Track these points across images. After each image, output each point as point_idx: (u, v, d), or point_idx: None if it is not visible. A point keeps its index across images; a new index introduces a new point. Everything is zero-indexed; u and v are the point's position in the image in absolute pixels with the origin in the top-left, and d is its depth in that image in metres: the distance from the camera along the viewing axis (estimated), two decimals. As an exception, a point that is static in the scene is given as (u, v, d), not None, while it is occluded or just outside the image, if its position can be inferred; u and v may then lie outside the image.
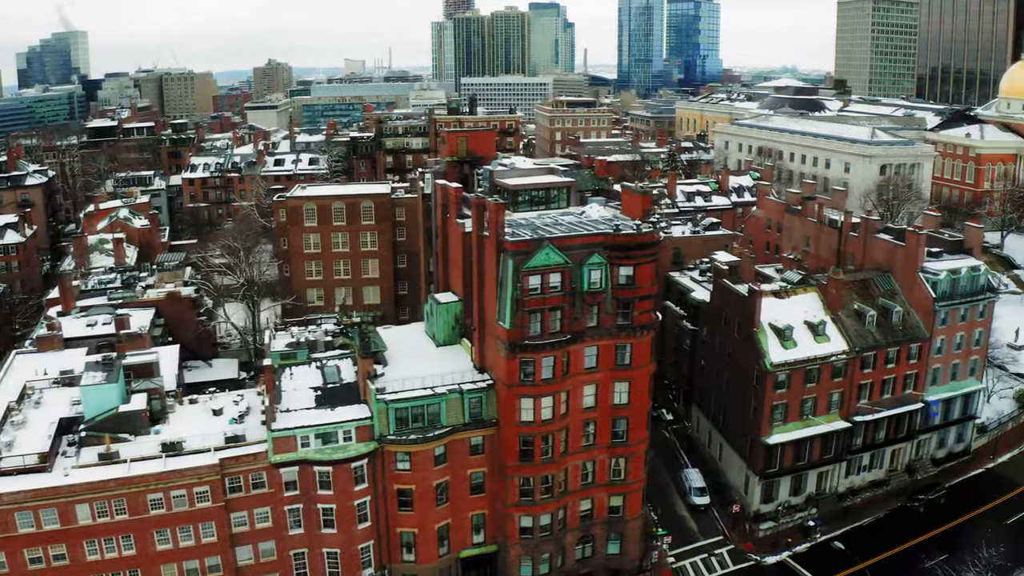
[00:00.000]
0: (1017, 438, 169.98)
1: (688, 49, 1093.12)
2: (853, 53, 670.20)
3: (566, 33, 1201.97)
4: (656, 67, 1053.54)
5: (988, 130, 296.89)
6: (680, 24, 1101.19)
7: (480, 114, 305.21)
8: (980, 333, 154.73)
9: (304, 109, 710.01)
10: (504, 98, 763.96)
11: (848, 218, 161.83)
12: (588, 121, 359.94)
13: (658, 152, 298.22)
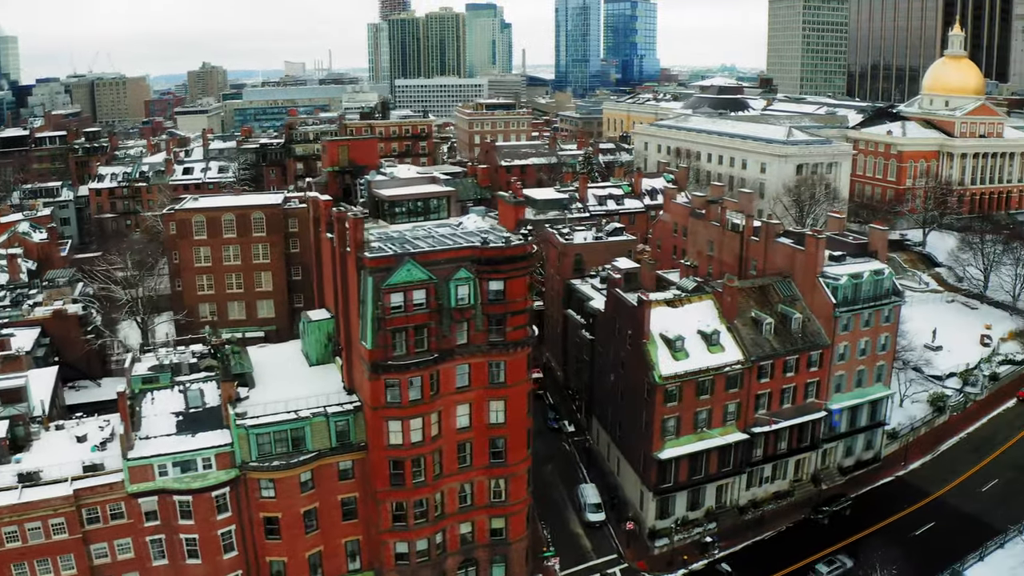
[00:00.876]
0: (931, 443, 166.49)
1: (625, 49, 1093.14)
2: (784, 51, 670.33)
3: (503, 34, 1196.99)
4: (593, 67, 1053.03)
5: (910, 127, 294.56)
6: (617, 24, 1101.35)
7: (393, 118, 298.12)
8: (886, 338, 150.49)
9: (236, 113, 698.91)
10: (439, 100, 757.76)
11: (749, 222, 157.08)
12: (507, 124, 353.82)
13: (577, 154, 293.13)
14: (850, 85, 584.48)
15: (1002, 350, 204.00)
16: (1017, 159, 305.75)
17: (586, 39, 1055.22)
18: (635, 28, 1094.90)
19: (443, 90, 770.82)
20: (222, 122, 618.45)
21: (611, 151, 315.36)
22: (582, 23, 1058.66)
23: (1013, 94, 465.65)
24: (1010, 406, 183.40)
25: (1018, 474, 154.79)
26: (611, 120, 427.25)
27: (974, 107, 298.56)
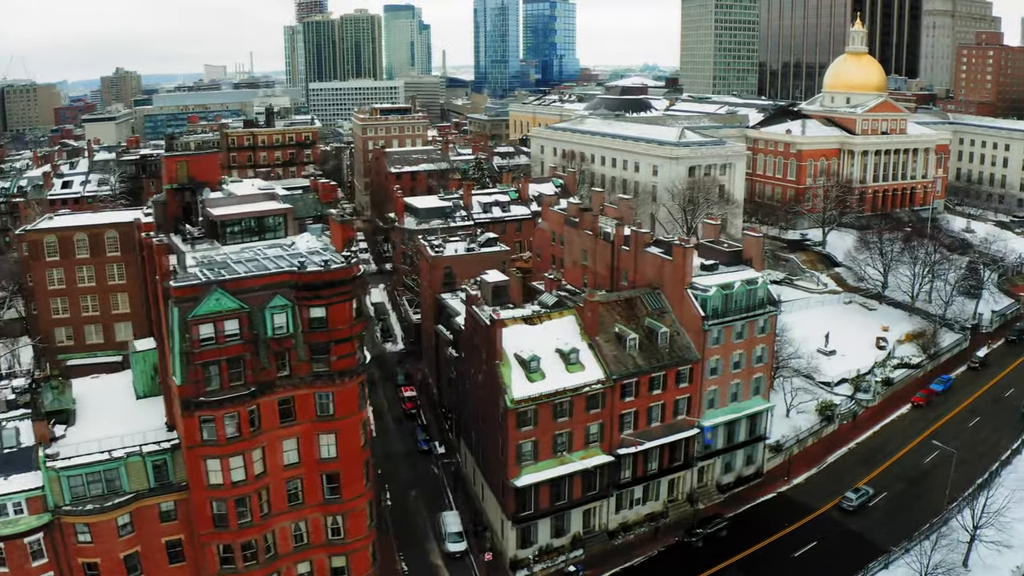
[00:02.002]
0: (819, 455, 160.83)
1: (545, 49, 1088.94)
2: (697, 50, 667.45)
3: (422, 35, 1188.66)
4: (513, 68, 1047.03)
5: (811, 125, 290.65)
6: (536, 24, 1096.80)
7: (279, 126, 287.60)
8: (763, 350, 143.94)
9: (146, 120, 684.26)
10: (355, 103, 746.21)
11: (619, 231, 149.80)
12: (402, 129, 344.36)
13: (472, 159, 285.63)
14: (762, 83, 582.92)
15: (898, 353, 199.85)
16: (921, 155, 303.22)
17: (505, 40, 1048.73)
18: (554, 28, 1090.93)
19: (358, 93, 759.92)
20: (132, 129, 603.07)
21: (510, 155, 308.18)
22: (501, 24, 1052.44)
23: (922, 89, 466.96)
24: (904, 412, 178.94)
25: (907, 487, 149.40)
26: (517, 122, 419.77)
27: (875, 104, 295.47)
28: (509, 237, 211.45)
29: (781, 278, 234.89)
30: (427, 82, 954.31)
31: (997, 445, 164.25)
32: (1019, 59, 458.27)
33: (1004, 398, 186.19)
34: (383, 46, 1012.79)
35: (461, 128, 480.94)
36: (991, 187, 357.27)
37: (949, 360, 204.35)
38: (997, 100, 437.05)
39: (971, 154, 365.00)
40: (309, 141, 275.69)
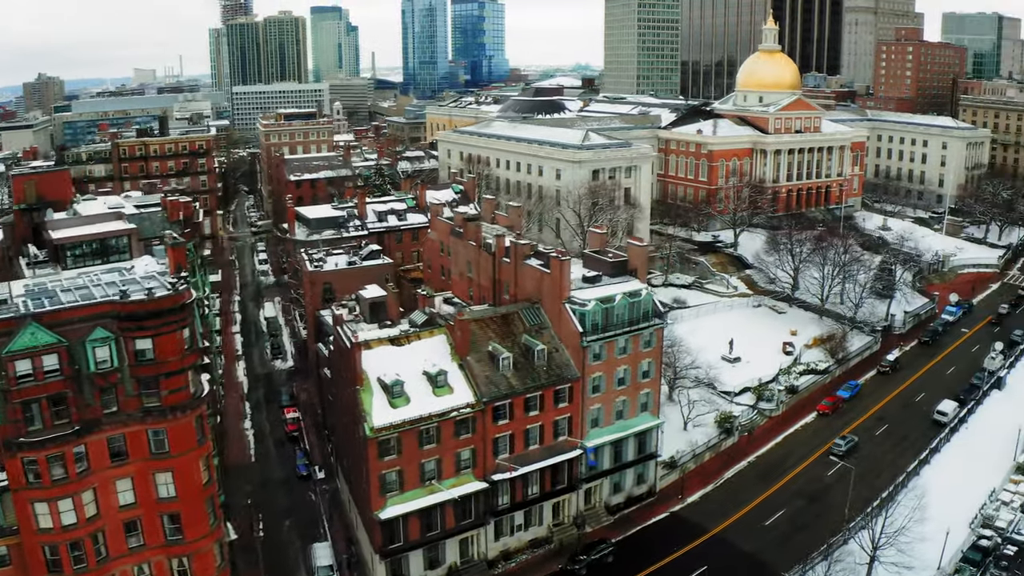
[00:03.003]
0: (716, 470, 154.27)
1: (474, 49, 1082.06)
2: (621, 49, 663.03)
3: (350, 36, 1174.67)
4: (442, 69, 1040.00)
5: (722, 125, 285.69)
6: (465, 25, 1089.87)
7: (174, 134, 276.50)
8: (649, 364, 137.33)
9: (65, 127, 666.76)
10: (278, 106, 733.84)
11: (500, 242, 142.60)
12: (306, 134, 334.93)
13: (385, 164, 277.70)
14: (684, 82, 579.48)
15: (806, 358, 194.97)
16: (836, 153, 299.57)
17: (433, 41, 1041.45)
18: (483, 29, 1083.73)
19: (282, 96, 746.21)
20: (51, 137, 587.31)
21: (419, 159, 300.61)
22: (429, 25, 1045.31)
23: (842, 86, 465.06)
24: (808, 421, 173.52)
25: (806, 503, 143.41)
26: (434, 125, 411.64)
27: (788, 102, 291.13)
28: (405, 247, 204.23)
29: (690, 282, 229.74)
30: (355, 84, 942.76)
31: (904, 455, 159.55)
32: (938, 55, 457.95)
33: (915, 403, 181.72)
34: (309, 48, 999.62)
35: (380, 131, 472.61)
36: (910, 183, 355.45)
37: (859, 364, 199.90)
38: (917, 96, 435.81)
39: (889, 150, 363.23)
40: (203, 150, 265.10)
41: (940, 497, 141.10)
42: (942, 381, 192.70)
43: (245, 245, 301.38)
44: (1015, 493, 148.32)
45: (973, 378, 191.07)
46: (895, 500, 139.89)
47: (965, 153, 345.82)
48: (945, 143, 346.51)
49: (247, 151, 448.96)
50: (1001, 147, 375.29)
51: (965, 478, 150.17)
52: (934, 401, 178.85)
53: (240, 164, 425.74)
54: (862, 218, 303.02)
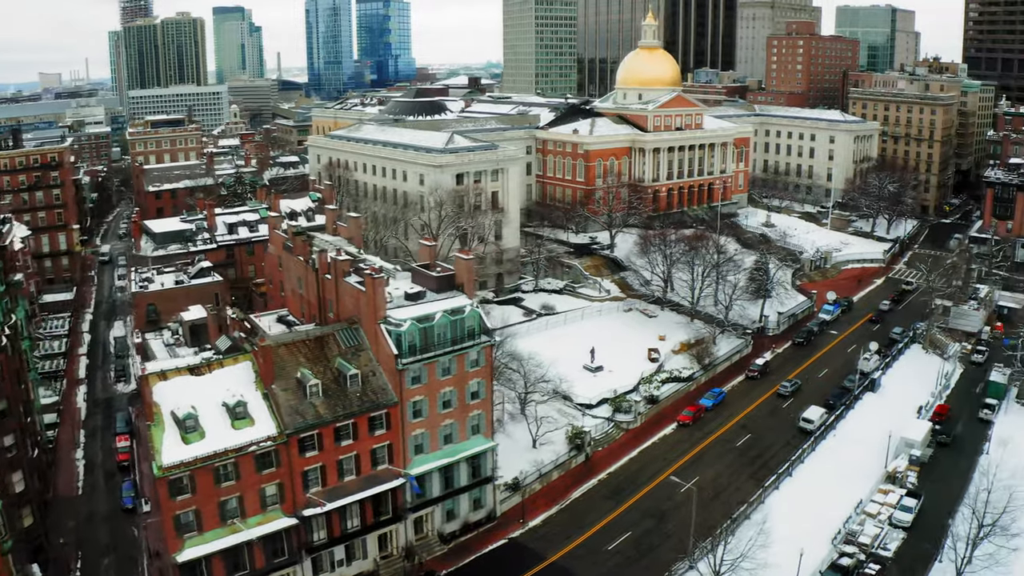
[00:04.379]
0: (565, 489, 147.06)
1: (380, 49, 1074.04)
2: (520, 48, 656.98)
3: (253, 37, 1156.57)
4: (348, 68, 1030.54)
5: (600, 123, 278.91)
6: (371, 24, 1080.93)
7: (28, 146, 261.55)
8: (479, 385, 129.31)
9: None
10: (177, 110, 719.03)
11: (322, 257, 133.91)
12: (173, 142, 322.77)
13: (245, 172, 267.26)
14: (582, 80, 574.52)
15: (671, 364, 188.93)
16: (718, 149, 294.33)
17: (338, 40, 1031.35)
18: (389, 28, 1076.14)
19: (179, 100, 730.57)
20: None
21: (293, 165, 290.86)
22: (334, 24, 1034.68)
23: (735, 81, 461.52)
24: (667, 433, 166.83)
25: (655, 523, 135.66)
26: (320, 127, 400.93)
27: (668, 99, 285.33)
28: (257, 260, 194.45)
29: (562, 286, 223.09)
30: (258, 86, 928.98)
31: (766, 467, 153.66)
32: (829, 48, 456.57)
33: (781, 410, 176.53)
34: (212, 50, 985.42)
35: (270, 135, 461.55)
36: (799, 178, 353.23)
37: (728, 369, 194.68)
38: (809, 90, 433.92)
39: (778, 145, 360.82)
40: (55, 163, 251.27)
41: (800, 512, 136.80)
42: (814, 384, 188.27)
43: (110, 260, 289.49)
44: (883, 504, 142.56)
45: (845, 381, 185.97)
46: (749, 518, 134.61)
47: (853, 147, 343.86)
48: (833, 137, 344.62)
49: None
50: (891, 139, 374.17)
51: (830, 490, 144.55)
52: (803, 407, 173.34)
53: (120, 173, 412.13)
54: (746, 215, 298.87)
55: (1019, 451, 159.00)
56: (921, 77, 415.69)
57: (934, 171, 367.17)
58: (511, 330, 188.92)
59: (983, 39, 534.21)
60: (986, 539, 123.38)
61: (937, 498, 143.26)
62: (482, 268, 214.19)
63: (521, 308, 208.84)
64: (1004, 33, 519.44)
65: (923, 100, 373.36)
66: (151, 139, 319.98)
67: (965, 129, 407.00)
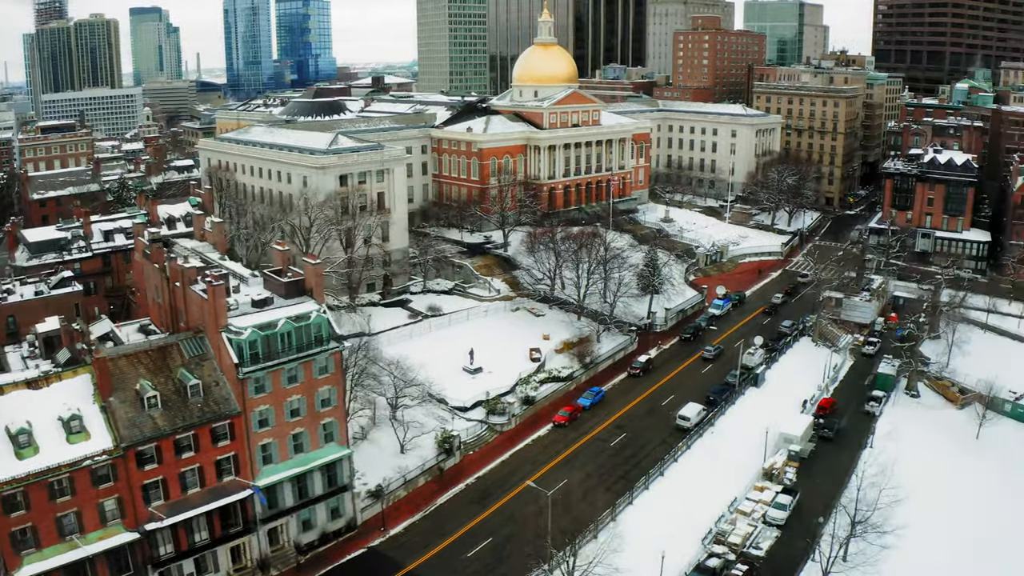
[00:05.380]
0: (432, 495, 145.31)
1: (300, 49, 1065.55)
2: (434, 46, 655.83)
3: (171, 38, 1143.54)
4: (267, 69, 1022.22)
5: (496, 121, 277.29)
6: (291, 23, 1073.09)
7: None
8: (329, 392, 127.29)
9: None
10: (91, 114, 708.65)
11: (173, 265, 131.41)
12: (63, 148, 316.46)
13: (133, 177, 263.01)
14: (495, 77, 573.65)
15: (553, 364, 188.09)
16: (616, 146, 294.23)
17: (257, 40, 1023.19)
18: (308, 27, 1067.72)
19: (93, 103, 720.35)
20: None
21: (188, 168, 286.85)
22: (253, 24, 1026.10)
23: (643, 77, 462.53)
24: (542, 434, 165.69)
25: (515, 529, 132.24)
26: (223, 129, 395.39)
27: (564, 95, 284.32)
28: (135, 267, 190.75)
29: (451, 287, 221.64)
30: (175, 88, 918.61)
31: (638, 467, 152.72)
32: (735, 43, 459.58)
33: (660, 408, 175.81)
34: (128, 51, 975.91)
35: (176, 137, 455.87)
36: (702, 172, 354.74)
37: (611, 367, 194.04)
38: (715, 84, 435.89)
39: (681, 140, 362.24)
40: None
41: (669, 512, 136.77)
42: (697, 381, 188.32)
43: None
44: (758, 502, 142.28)
45: (728, 376, 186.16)
46: (615, 521, 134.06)
47: (755, 140, 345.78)
48: (734, 131, 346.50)
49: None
50: (795, 132, 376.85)
51: (704, 489, 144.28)
52: (683, 404, 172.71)
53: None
54: (645, 210, 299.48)
55: (903, 444, 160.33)
56: (825, 70, 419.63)
57: (838, 163, 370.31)
58: (394, 333, 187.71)
59: (892, 32, 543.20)
60: (858, 537, 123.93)
61: (816, 494, 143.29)
62: (369, 270, 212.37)
63: (408, 310, 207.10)
64: (913, 26, 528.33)
65: (826, 93, 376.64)
66: (40, 145, 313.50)
67: (871, 121, 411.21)
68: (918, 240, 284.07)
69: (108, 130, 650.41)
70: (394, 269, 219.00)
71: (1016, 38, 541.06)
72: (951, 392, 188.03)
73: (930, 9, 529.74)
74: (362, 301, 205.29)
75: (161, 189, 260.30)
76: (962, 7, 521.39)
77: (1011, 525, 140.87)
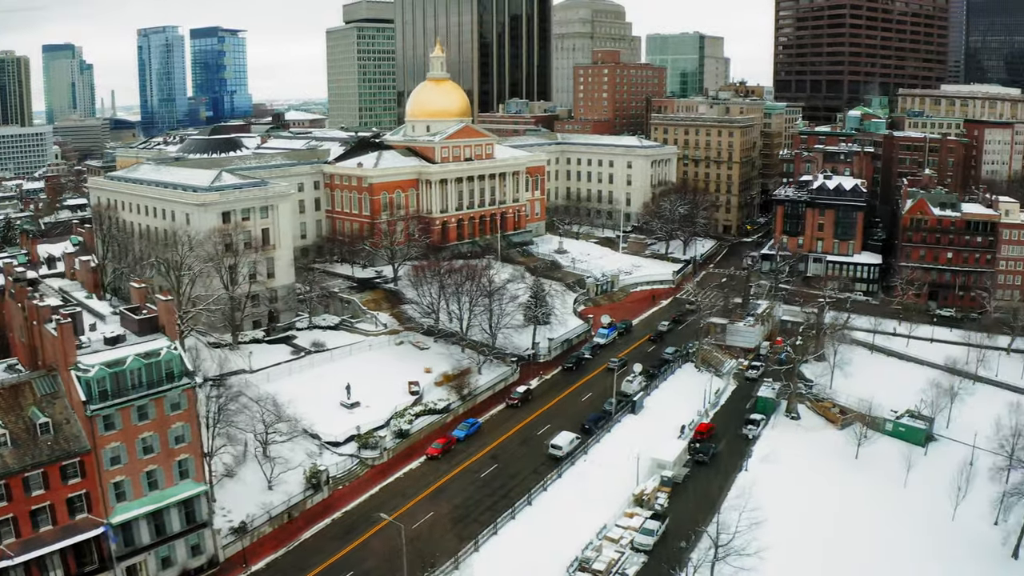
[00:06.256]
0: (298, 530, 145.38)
1: (215, 85, 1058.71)
2: (344, 81, 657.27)
3: (84, 75, 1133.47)
4: (182, 106, 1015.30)
5: (387, 156, 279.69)
6: (206, 60, 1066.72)
7: None
8: (183, 428, 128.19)
9: None
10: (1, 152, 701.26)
11: (30, 304, 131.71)
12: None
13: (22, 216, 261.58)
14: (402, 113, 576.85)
15: (432, 396, 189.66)
16: (510, 179, 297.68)
17: (172, 77, 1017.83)
18: (224, 64, 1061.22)
19: (3, 142, 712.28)
20: None
21: (83, 207, 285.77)
22: (167, 61, 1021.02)
23: (546, 111, 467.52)
24: (414, 467, 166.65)
25: (378, 563, 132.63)
26: (124, 167, 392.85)
27: (455, 130, 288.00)
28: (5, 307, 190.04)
29: (338, 322, 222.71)
30: (89, 125, 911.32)
31: (507, 497, 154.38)
32: (635, 76, 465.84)
33: (536, 437, 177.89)
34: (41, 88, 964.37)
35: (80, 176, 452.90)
36: (600, 204, 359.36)
37: (490, 398, 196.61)
38: (615, 117, 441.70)
39: (579, 172, 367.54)
40: None
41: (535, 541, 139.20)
42: (577, 409, 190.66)
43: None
44: (627, 528, 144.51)
45: (605, 404, 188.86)
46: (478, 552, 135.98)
47: (650, 171, 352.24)
48: (630, 162, 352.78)
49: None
50: (692, 163, 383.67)
51: (573, 517, 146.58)
52: (555, 432, 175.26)
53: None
54: (541, 242, 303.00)
55: (779, 466, 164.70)
56: (722, 101, 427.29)
57: (735, 192, 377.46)
58: (274, 370, 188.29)
59: (792, 63, 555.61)
60: (720, 560, 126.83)
61: (686, 519, 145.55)
62: (255, 307, 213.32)
63: (292, 346, 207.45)
64: (812, 56, 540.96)
65: (720, 123, 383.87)
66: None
67: (770, 150, 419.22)
68: (810, 265, 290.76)
69: (17, 169, 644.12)
70: (280, 306, 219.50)
71: (914, 65, 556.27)
72: (831, 413, 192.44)
73: (828, 40, 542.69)
74: (246, 339, 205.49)
75: (51, 228, 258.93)
76: (859, 37, 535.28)
77: (880, 541, 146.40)
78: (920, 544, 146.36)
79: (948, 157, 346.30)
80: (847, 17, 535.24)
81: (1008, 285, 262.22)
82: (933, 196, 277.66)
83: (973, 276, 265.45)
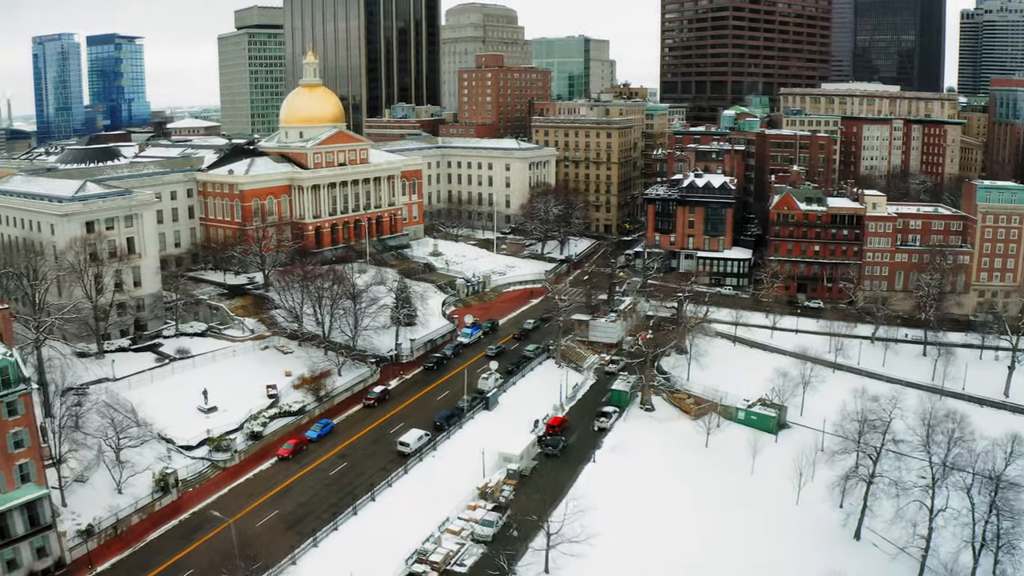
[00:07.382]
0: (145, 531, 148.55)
1: (113, 93, 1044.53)
2: (235, 88, 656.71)
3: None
4: (79, 115, 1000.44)
5: (259, 163, 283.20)
6: (104, 67, 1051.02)
7: None
8: (23, 433, 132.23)
9: None
10: None
11: None
12: None
13: None
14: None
15: (290, 399, 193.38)
16: (385, 183, 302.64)
17: (68, 85, 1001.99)
18: (121, 71, 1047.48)
19: None
20: None
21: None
22: (63, 69, 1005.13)
23: (433, 115, 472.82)
24: (265, 468, 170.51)
25: (220, 560, 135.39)
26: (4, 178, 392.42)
27: (328, 135, 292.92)
28: None
29: (204, 329, 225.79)
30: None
31: (352, 495, 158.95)
32: (519, 79, 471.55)
33: (388, 436, 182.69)
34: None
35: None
36: (480, 206, 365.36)
37: (348, 399, 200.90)
38: (498, 120, 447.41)
39: (460, 176, 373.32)
40: None
41: (376, 536, 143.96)
42: (432, 408, 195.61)
43: None
44: (469, 520, 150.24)
45: (459, 401, 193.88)
46: (317, 547, 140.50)
47: (528, 173, 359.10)
48: (508, 165, 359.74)
49: None
50: (572, 164, 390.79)
51: (417, 511, 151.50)
52: (405, 430, 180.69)
53: None
54: (417, 245, 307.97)
55: (626, 456, 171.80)
56: (602, 103, 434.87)
57: (614, 192, 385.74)
58: (135, 378, 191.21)
59: (678, 65, 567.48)
60: (553, 547, 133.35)
61: (530, 510, 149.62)
62: (121, 316, 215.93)
63: (157, 354, 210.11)
64: (696, 58, 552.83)
65: (598, 125, 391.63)
66: None
67: (651, 151, 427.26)
68: (681, 261, 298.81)
69: None
70: (146, 314, 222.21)
71: (797, 65, 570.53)
72: (686, 404, 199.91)
73: (712, 42, 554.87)
74: (112, 347, 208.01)
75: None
76: (743, 38, 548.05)
77: (721, 525, 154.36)
78: (762, 528, 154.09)
79: (819, 154, 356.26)
80: (730, 19, 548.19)
81: (874, 276, 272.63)
82: (799, 191, 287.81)
83: (840, 268, 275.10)
